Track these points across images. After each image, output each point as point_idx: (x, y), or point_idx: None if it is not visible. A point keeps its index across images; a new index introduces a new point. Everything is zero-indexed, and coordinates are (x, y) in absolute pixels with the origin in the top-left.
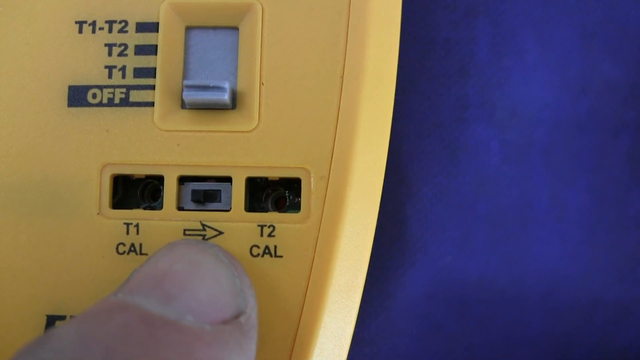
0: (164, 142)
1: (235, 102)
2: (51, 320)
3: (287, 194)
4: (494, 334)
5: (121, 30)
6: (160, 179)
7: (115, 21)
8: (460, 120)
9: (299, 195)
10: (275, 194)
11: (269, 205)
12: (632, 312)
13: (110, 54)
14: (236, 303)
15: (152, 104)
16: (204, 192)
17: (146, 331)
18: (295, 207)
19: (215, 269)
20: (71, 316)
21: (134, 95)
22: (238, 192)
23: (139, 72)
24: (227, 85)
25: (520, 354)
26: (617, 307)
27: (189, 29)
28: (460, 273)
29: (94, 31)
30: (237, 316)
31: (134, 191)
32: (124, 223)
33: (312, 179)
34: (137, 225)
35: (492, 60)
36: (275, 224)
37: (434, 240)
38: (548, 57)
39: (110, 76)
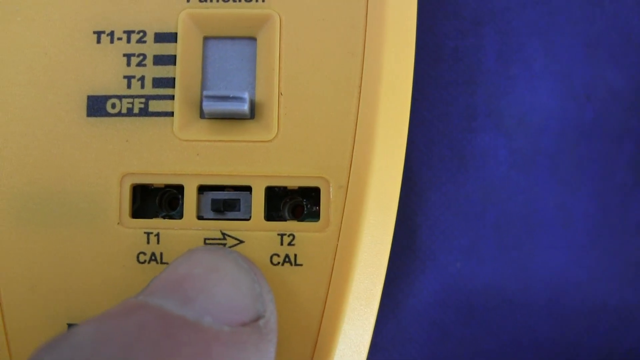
0: (183, 151)
1: (254, 112)
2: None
3: (304, 203)
4: (501, 340)
5: (139, 41)
6: (179, 188)
7: (133, 31)
8: (468, 129)
9: (316, 203)
10: (292, 202)
11: (286, 214)
12: (637, 317)
13: (129, 64)
14: (255, 307)
15: (171, 114)
16: (224, 201)
17: (164, 330)
18: (313, 215)
19: (234, 273)
20: None
21: (153, 105)
22: (258, 202)
23: (158, 82)
24: (246, 95)
25: (528, 359)
26: (622, 312)
27: (207, 39)
28: (468, 280)
29: (112, 41)
30: (256, 320)
31: (152, 200)
32: (145, 232)
33: (331, 188)
34: (157, 235)
35: (499, 69)
36: (295, 233)
37: (443, 248)
38: (554, 66)
39: (129, 86)
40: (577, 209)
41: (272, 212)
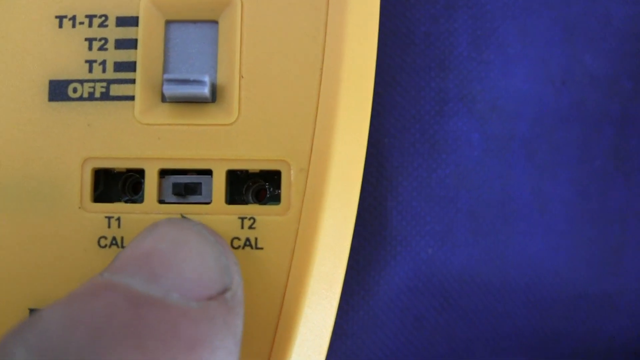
0: (144, 135)
1: (215, 95)
2: (33, 314)
3: (267, 186)
4: (477, 327)
5: (101, 25)
6: (141, 173)
7: (95, 15)
8: (440, 114)
9: (279, 187)
10: (255, 186)
11: (250, 197)
12: (616, 304)
13: (90, 48)
14: (222, 279)
15: (132, 98)
16: (185, 185)
17: (131, 310)
18: (276, 199)
19: (200, 246)
20: None
21: (115, 90)
22: (218, 185)
23: (120, 66)
24: (207, 78)
25: (504, 346)
26: (601, 298)
27: (169, 22)
28: (442, 266)
29: (74, 25)
30: (223, 292)
31: (115, 184)
32: (106, 217)
33: (292, 171)
34: (118, 219)
35: (472, 53)
36: (255, 216)
37: (415, 234)
38: (529, 50)
39: (90, 70)
40: (554, 195)
41: (236, 196)
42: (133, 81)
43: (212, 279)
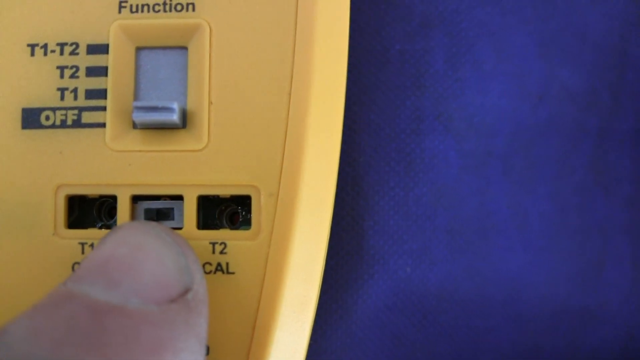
0: (116, 162)
1: (185, 121)
2: None
3: (240, 210)
4: (456, 343)
5: (72, 53)
6: (114, 198)
7: (66, 43)
8: (416, 132)
9: (250, 211)
10: (229, 210)
11: (224, 221)
12: (596, 318)
13: (62, 76)
14: (182, 280)
15: (104, 125)
16: (157, 210)
17: (92, 319)
18: (249, 223)
19: (158, 248)
20: None
21: (86, 117)
22: (190, 211)
23: (91, 94)
24: (176, 105)
25: None
26: (582, 312)
27: (139, 49)
28: (420, 284)
29: (45, 53)
30: (184, 293)
31: (90, 210)
32: (79, 243)
33: (261, 196)
34: (92, 245)
35: (448, 71)
36: (226, 241)
37: (392, 252)
38: (505, 67)
39: (62, 98)
40: (532, 210)
41: (209, 220)
42: (104, 108)
43: (172, 281)
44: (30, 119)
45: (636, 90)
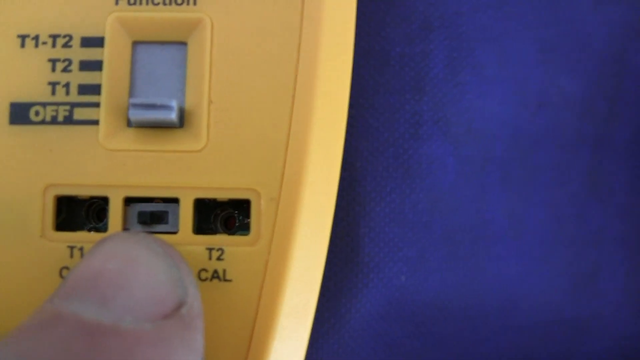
0: (109, 162)
1: (183, 120)
2: None
3: (236, 214)
4: (450, 353)
5: (65, 45)
6: (105, 200)
7: (59, 35)
8: (414, 137)
9: (248, 215)
10: (224, 214)
11: (219, 226)
12: (591, 328)
13: (53, 69)
14: (176, 294)
15: (97, 122)
16: (151, 213)
17: (85, 341)
18: (245, 227)
19: (150, 261)
20: None
21: (78, 113)
22: (186, 214)
23: (84, 89)
24: (174, 103)
25: None
26: (576, 322)
27: (135, 43)
28: (415, 292)
29: (36, 45)
30: (178, 308)
31: (79, 211)
32: (68, 246)
33: (262, 201)
34: (81, 249)
35: (448, 75)
36: (224, 247)
37: (388, 260)
38: (506, 72)
39: (53, 93)
40: (529, 219)
41: (203, 224)
42: (98, 105)
43: (165, 296)
44: (19, 114)
45: (633, 100)
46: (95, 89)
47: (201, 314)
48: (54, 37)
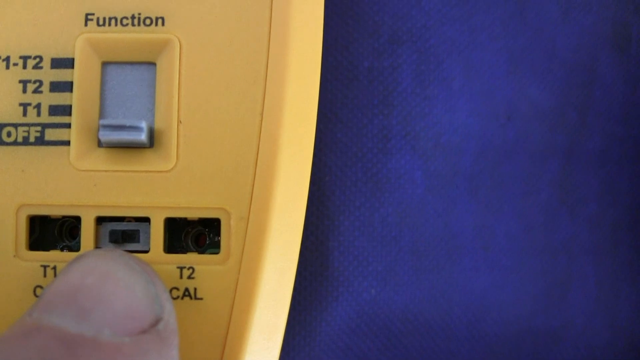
0: (80, 182)
1: (153, 140)
2: None
3: (207, 232)
4: None
5: (36, 66)
6: (78, 219)
7: (30, 56)
8: (383, 151)
9: (219, 234)
10: (195, 231)
11: (190, 244)
12: (561, 338)
13: (25, 90)
14: (152, 310)
15: (68, 143)
16: (123, 232)
17: (65, 352)
18: (216, 245)
19: (128, 278)
20: None
21: (50, 134)
22: (157, 234)
23: (55, 110)
24: (144, 124)
25: None
26: (546, 332)
27: (105, 64)
28: (385, 306)
29: (7, 67)
30: (155, 323)
31: (52, 229)
32: (41, 265)
33: (231, 220)
34: (54, 268)
35: (416, 89)
36: (194, 266)
37: (357, 274)
38: (474, 85)
39: (25, 114)
40: (498, 230)
41: (174, 242)
42: (68, 125)
43: (143, 311)
44: None
45: (603, 110)
46: (66, 110)
47: (176, 330)
48: (25, 58)
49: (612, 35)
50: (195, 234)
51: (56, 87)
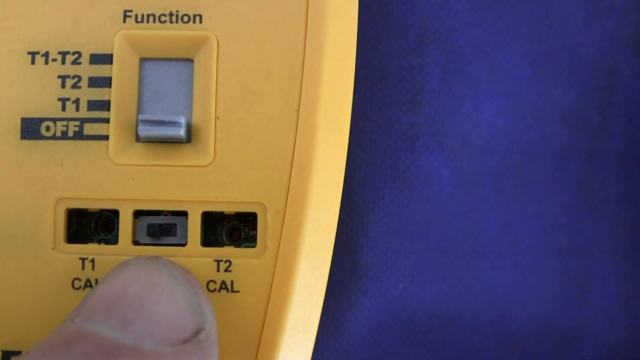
0: (118, 176)
1: (190, 135)
2: (6, 356)
3: (242, 226)
4: None
5: (75, 62)
6: (115, 212)
7: (68, 52)
8: (411, 150)
9: (254, 228)
10: (229, 225)
11: (224, 237)
12: (583, 336)
13: (63, 85)
14: (194, 320)
15: (106, 138)
16: (160, 226)
17: (107, 359)
18: (251, 239)
19: (171, 287)
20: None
21: (88, 129)
22: (194, 227)
23: (93, 105)
24: (182, 120)
25: None
26: (568, 331)
27: (143, 60)
28: (412, 302)
29: (46, 62)
30: (196, 334)
31: (88, 223)
32: (80, 258)
33: (268, 214)
34: (92, 261)
35: (443, 88)
36: (231, 259)
37: (385, 270)
38: (500, 85)
39: (63, 108)
40: (522, 230)
41: (210, 236)
42: (107, 120)
43: (185, 321)
44: (30, 129)
45: (624, 112)
46: (105, 105)
47: (216, 341)
48: (64, 54)
49: (634, 39)
50: (230, 228)
51: (95, 82)
